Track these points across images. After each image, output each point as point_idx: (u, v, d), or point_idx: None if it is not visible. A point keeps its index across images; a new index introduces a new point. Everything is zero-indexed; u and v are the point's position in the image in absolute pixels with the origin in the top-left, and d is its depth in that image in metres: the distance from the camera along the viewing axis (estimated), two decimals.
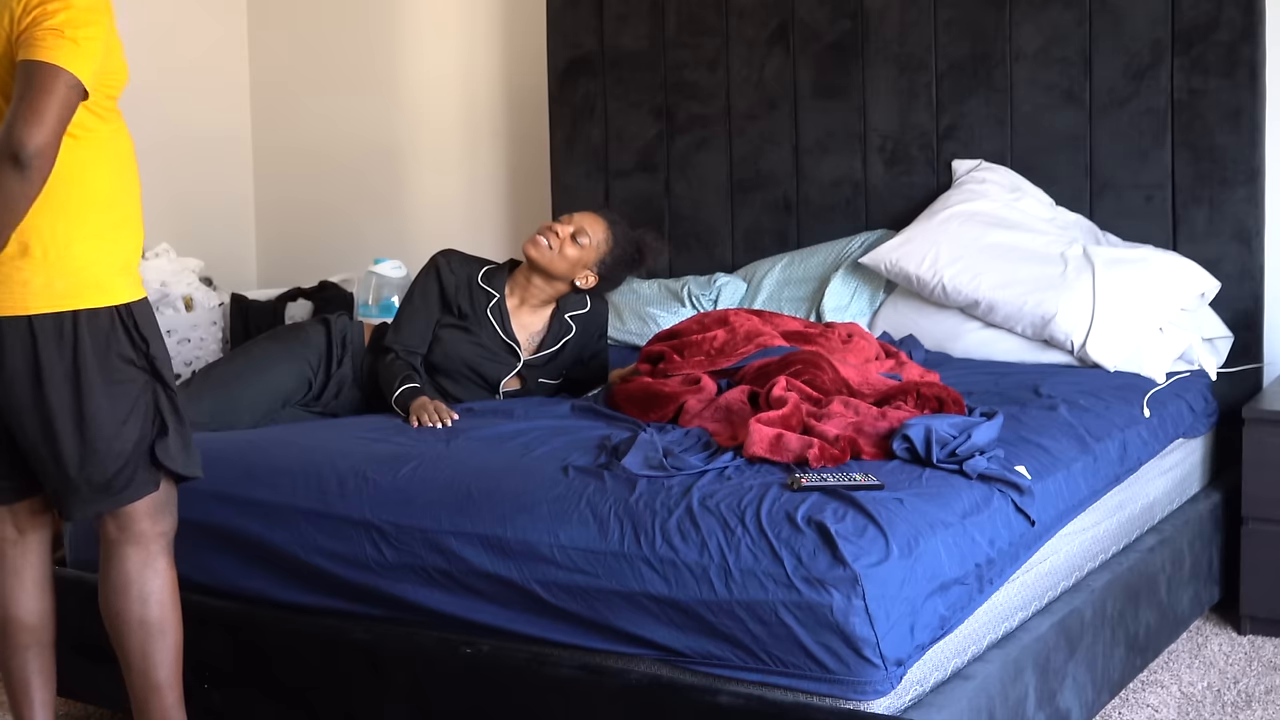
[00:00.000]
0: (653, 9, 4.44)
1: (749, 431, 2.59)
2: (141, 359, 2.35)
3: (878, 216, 4.16)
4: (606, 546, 2.34)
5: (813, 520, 2.23)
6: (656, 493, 2.39)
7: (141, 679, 2.43)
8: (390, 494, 2.59)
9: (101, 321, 2.31)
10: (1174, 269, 3.63)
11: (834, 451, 2.55)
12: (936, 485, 2.47)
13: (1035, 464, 2.69)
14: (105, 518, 2.41)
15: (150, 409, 2.37)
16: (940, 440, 2.57)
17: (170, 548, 2.46)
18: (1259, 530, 3.40)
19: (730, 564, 2.24)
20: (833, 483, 2.37)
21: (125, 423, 2.34)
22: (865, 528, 2.24)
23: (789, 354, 2.98)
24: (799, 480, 2.37)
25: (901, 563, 2.21)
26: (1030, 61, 3.95)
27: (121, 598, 2.42)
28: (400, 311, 3.43)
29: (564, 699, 2.33)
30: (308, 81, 5.36)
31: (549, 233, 3.40)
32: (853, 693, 2.16)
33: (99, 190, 2.33)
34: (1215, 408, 3.59)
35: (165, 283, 4.63)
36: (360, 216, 5.27)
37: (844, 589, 2.15)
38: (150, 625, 2.41)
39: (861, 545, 2.20)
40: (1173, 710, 3.01)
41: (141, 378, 2.36)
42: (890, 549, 2.21)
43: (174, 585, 2.45)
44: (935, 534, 2.31)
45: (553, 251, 3.39)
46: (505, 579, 2.41)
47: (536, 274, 3.43)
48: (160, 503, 2.43)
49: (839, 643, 2.15)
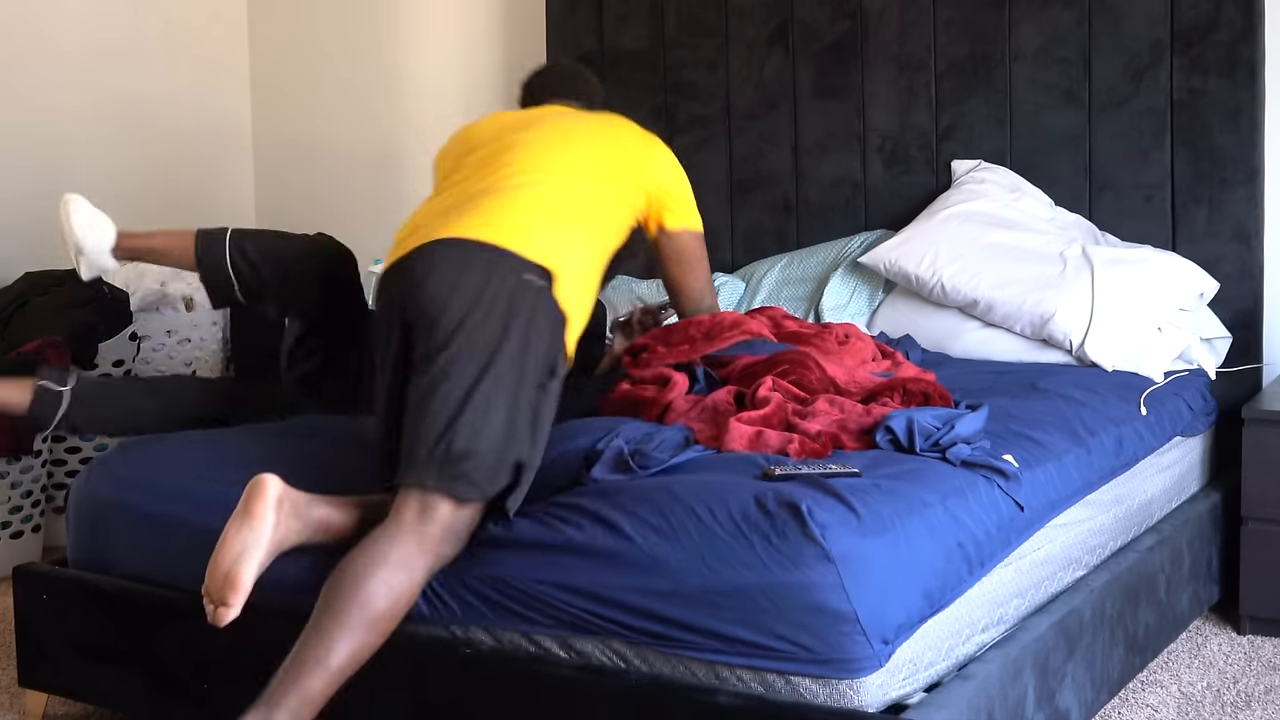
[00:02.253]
0: (653, 9, 4.44)
1: (728, 429, 2.59)
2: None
3: (877, 216, 4.16)
4: (577, 541, 2.34)
5: (784, 503, 2.22)
6: (622, 489, 2.39)
7: (317, 650, 2.31)
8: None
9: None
10: (1173, 269, 3.63)
11: (814, 446, 2.55)
12: (917, 468, 2.47)
13: (1026, 454, 2.69)
14: (412, 494, 2.37)
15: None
16: (923, 431, 2.58)
17: (434, 568, 2.37)
18: (1258, 530, 3.40)
19: (704, 553, 2.23)
20: (807, 471, 2.37)
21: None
22: (836, 507, 2.24)
23: (776, 353, 2.96)
24: (773, 470, 2.37)
25: (877, 540, 2.21)
26: (1030, 61, 3.95)
27: (365, 570, 2.33)
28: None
29: (564, 699, 2.33)
30: (308, 81, 5.36)
31: None
32: (840, 671, 2.15)
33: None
34: (1214, 406, 3.59)
35: (165, 283, 4.63)
36: (360, 217, 5.27)
37: (818, 567, 2.15)
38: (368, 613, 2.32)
39: (833, 523, 2.19)
40: (1172, 710, 3.01)
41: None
42: (864, 526, 2.21)
43: (410, 601, 2.35)
44: (914, 513, 2.31)
45: None
46: (499, 577, 2.42)
47: None
48: (463, 519, 2.38)
49: (818, 621, 2.15)
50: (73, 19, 4.86)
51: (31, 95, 4.73)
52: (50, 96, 4.79)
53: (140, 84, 5.08)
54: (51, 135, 4.80)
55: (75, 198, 3.17)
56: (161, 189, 5.15)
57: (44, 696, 2.99)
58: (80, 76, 4.88)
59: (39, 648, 2.92)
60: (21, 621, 2.93)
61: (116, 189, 4.99)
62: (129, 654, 2.82)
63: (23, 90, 4.70)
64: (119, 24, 5.01)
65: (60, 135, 4.83)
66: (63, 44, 4.83)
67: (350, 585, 2.30)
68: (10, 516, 3.97)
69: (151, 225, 5.04)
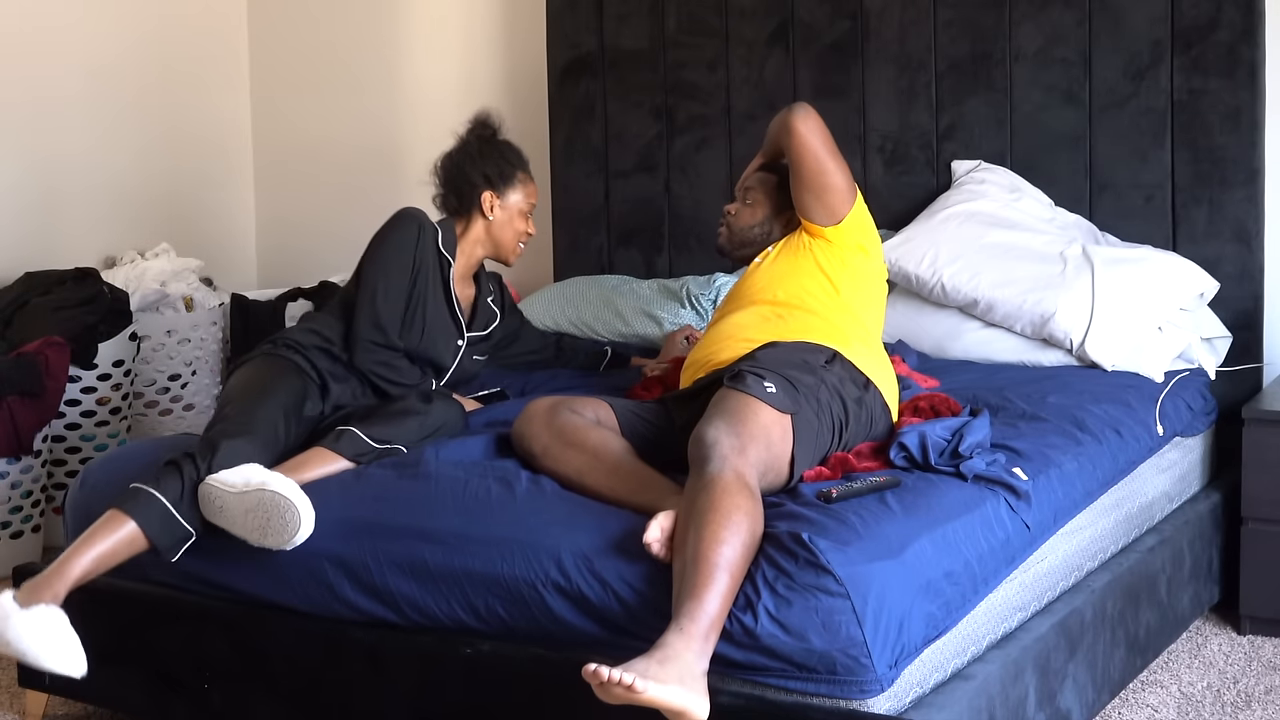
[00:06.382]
0: (653, 9, 4.44)
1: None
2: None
3: (878, 216, 4.10)
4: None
5: (791, 531, 2.24)
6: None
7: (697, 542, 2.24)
8: (396, 497, 2.60)
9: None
10: (1173, 269, 3.63)
11: (826, 472, 2.59)
12: (923, 488, 2.49)
13: (1030, 464, 2.70)
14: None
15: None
16: (935, 446, 2.62)
17: (748, 471, 2.38)
18: (1259, 530, 3.40)
19: None
20: (859, 486, 2.44)
21: None
22: (844, 532, 2.25)
23: None
24: (830, 493, 2.41)
25: (885, 564, 2.22)
26: (1030, 61, 3.95)
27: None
28: (376, 285, 3.12)
29: (564, 699, 2.32)
30: (308, 81, 5.36)
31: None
32: (847, 693, 2.17)
33: None
34: (1214, 406, 3.59)
35: (165, 283, 4.63)
36: (360, 217, 5.25)
37: (827, 593, 2.16)
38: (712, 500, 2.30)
39: (842, 549, 2.20)
40: (1172, 710, 3.01)
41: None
42: (872, 551, 2.22)
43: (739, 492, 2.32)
44: (921, 535, 2.33)
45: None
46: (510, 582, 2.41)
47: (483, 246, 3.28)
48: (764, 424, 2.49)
49: (827, 646, 2.15)
50: (73, 19, 4.85)
51: (32, 96, 4.73)
52: (50, 97, 4.79)
53: (140, 84, 5.07)
54: (52, 136, 4.80)
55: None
56: (161, 190, 5.15)
57: (44, 696, 2.99)
58: (80, 77, 4.87)
59: None
60: None
61: (116, 189, 4.99)
62: (129, 654, 2.83)
63: (23, 91, 4.70)
64: (119, 24, 5.00)
65: (60, 136, 4.82)
66: (63, 44, 4.82)
67: None
68: (10, 516, 3.97)
69: (147, 228, 5.06)
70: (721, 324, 2.99)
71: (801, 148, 2.95)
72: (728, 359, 2.84)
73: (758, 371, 2.60)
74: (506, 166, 3.26)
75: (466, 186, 3.24)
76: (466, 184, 3.23)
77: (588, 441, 2.63)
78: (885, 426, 2.80)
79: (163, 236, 5.01)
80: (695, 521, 2.24)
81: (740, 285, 3.08)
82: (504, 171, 3.25)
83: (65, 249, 4.74)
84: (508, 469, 2.65)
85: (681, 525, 2.28)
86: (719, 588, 2.16)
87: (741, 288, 3.07)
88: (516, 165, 3.29)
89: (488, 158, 3.25)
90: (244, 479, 2.59)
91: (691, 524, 2.24)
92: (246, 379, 2.97)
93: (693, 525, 2.23)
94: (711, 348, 2.94)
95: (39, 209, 4.77)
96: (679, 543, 2.25)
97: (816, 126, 2.97)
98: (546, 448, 2.66)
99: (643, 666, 2.06)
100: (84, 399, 4.18)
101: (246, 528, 2.57)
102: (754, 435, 2.45)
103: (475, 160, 3.25)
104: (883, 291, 3.10)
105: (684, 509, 2.31)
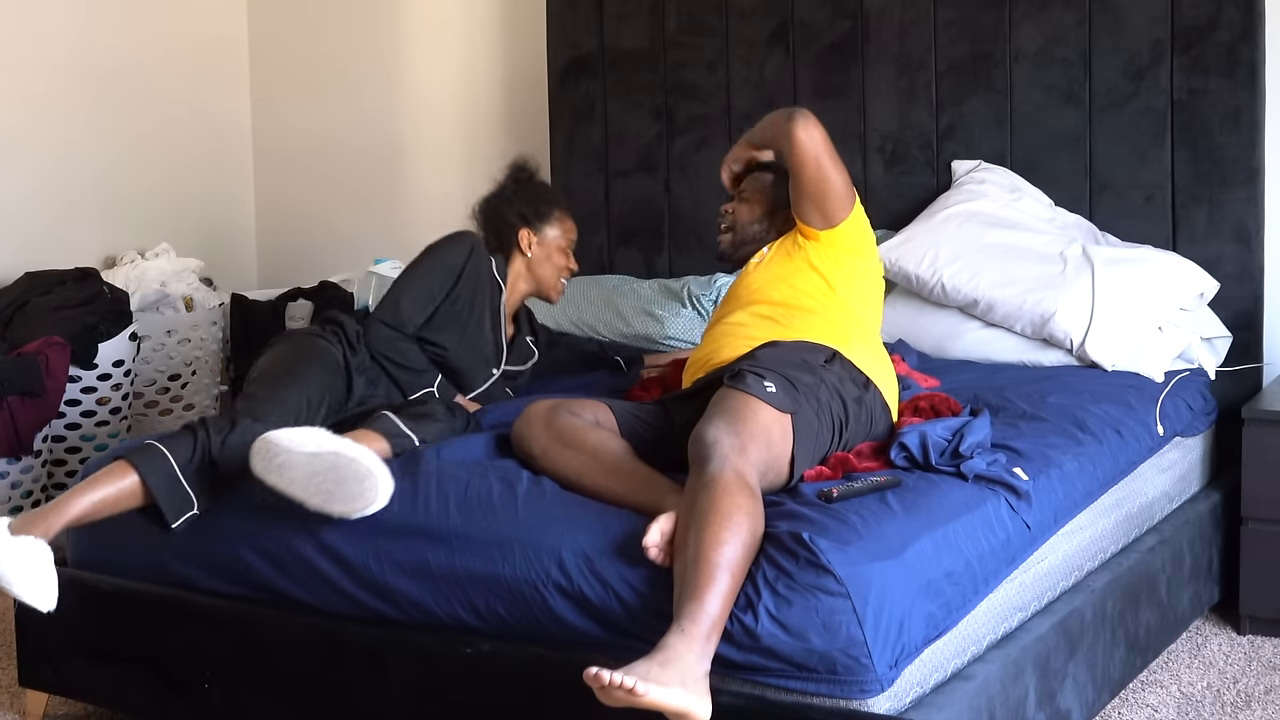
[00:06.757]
0: (653, 9, 4.44)
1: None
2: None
3: (877, 216, 4.13)
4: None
5: (791, 531, 2.24)
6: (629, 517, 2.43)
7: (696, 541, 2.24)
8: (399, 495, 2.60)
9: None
10: (1173, 269, 3.63)
11: (826, 471, 2.59)
12: (924, 488, 2.49)
13: (1031, 464, 2.70)
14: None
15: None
16: (936, 446, 2.62)
17: (748, 470, 2.36)
18: (1259, 530, 3.40)
19: None
20: (860, 486, 2.44)
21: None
22: (844, 532, 2.25)
23: None
24: (830, 493, 2.42)
25: (885, 564, 2.22)
26: (1030, 61, 3.95)
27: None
28: (407, 279, 3.23)
29: (564, 699, 2.33)
30: (308, 81, 5.36)
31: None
32: (847, 693, 2.17)
33: None
34: (1214, 406, 3.59)
35: (165, 283, 4.63)
36: (360, 216, 5.27)
37: (828, 593, 2.16)
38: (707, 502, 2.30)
39: (842, 549, 2.21)
40: (1172, 710, 3.01)
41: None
42: (872, 551, 2.22)
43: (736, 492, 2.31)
44: (921, 535, 2.33)
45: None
46: (511, 582, 2.42)
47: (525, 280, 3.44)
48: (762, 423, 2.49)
49: (827, 646, 2.15)
50: (73, 20, 4.86)
51: (32, 96, 4.73)
52: (50, 97, 4.79)
53: (140, 84, 5.08)
54: (52, 136, 4.80)
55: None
56: (162, 190, 5.15)
57: (44, 696, 2.99)
58: (81, 77, 4.88)
59: (39, 648, 2.92)
60: (21, 621, 2.93)
61: (117, 189, 5.00)
62: (129, 654, 2.82)
63: (23, 91, 4.70)
64: (120, 25, 5.00)
65: (61, 136, 4.82)
66: (63, 45, 4.82)
67: None
68: (10, 516, 3.97)
69: (147, 228, 5.06)
70: (720, 324, 2.99)
71: (803, 157, 2.95)
72: (727, 359, 2.84)
73: (758, 371, 2.61)
74: (542, 205, 3.41)
75: (504, 226, 3.40)
76: (504, 223, 3.40)
77: (587, 442, 2.63)
78: (885, 426, 2.80)
79: (163, 236, 5.01)
80: (696, 522, 2.24)
81: (737, 286, 3.08)
82: (539, 210, 3.40)
83: (65, 249, 4.74)
84: (509, 469, 2.65)
85: (682, 525, 2.28)
86: (720, 588, 2.16)
87: (738, 289, 3.07)
88: (553, 203, 3.44)
89: (523, 197, 3.42)
90: (315, 442, 2.51)
91: (692, 524, 2.24)
92: (280, 357, 3.00)
93: (693, 525, 2.23)
94: (711, 348, 2.94)
95: (39, 209, 4.77)
96: (679, 543, 2.25)
97: (818, 136, 2.95)
98: (546, 449, 2.66)
99: (644, 669, 2.05)
100: (84, 399, 4.19)
101: (309, 490, 2.49)
102: (754, 434, 2.45)
103: (511, 201, 3.42)
104: (880, 291, 3.09)
105: (684, 509, 2.31)
